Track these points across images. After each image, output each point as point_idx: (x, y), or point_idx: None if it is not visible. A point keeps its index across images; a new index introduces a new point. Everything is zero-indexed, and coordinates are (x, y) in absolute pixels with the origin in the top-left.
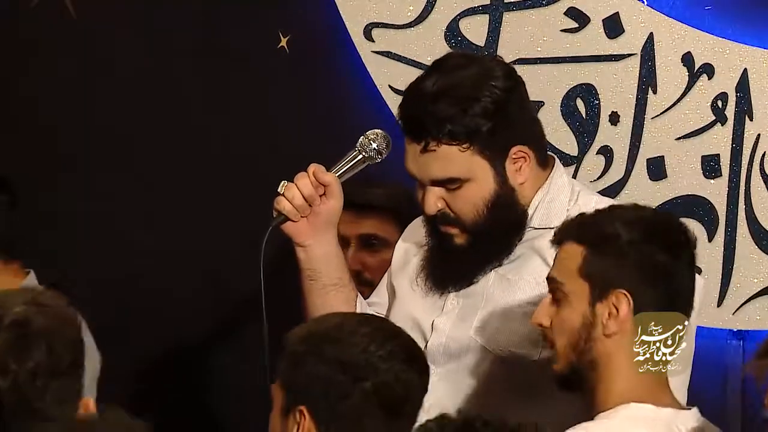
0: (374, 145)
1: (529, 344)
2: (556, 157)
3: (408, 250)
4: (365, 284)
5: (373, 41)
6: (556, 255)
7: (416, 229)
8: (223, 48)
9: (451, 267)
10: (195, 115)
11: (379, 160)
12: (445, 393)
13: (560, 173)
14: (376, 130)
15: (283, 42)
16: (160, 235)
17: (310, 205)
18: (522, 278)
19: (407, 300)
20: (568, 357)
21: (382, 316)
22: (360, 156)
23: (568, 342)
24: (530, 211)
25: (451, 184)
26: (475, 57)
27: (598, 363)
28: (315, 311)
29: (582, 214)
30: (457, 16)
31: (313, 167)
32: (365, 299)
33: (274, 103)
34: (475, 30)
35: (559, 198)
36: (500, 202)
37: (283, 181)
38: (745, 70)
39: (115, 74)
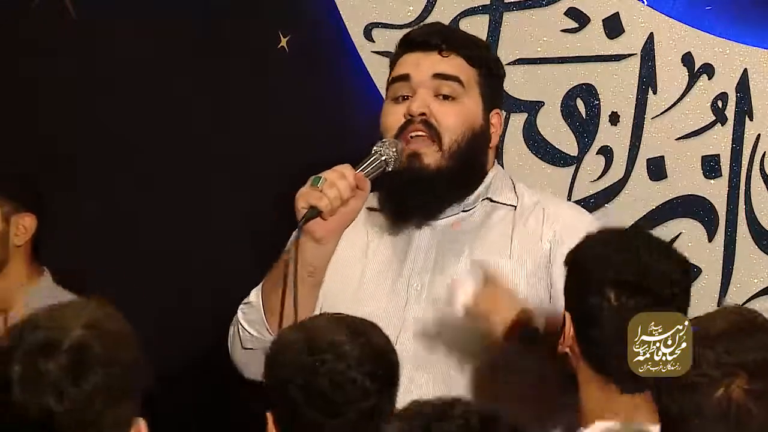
0: (392, 150)
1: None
2: None
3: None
4: None
5: (373, 41)
6: None
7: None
8: (223, 48)
9: (418, 195)
10: (195, 115)
11: (389, 170)
12: (426, 384)
13: (499, 167)
14: (390, 138)
15: (283, 42)
16: (160, 234)
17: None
18: (490, 258)
19: (358, 296)
20: None
21: None
22: (380, 160)
23: None
24: (486, 181)
25: (449, 86)
26: None
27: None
28: (305, 306)
29: None
30: (457, 16)
31: (352, 171)
32: None
33: (274, 103)
34: (475, 30)
35: (506, 181)
36: (478, 139)
37: (321, 178)
38: (745, 70)
39: (115, 74)
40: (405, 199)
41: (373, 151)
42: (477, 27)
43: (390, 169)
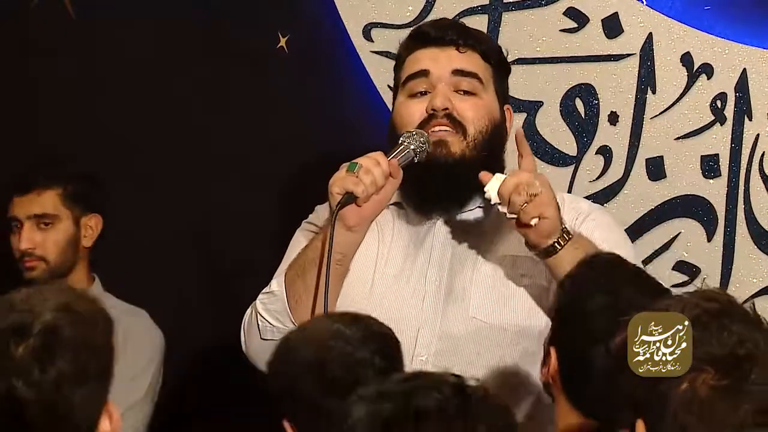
0: (420, 141)
1: (533, 315)
2: None
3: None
4: None
5: (373, 41)
6: None
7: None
8: (223, 48)
9: (444, 183)
10: (195, 115)
11: (417, 160)
12: None
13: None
14: (416, 129)
15: (283, 42)
16: (159, 234)
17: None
18: (510, 253)
19: (373, 295)
20: None
21: None
22: (409, 149)
23: None
24: None
25: (469, 82)
26: None
27: None
28: (332, 294)
29: None
30: (456, 16)
31: (385, 158)
32: None
33: (273, 103)
34: None
35: None
36: (498, 131)
37: (357, 164)
38: (745, 70)
39: (115, 74)
40: (430, 187)
41: (400, 141)
42: (476, 27)
43: (417, 160)
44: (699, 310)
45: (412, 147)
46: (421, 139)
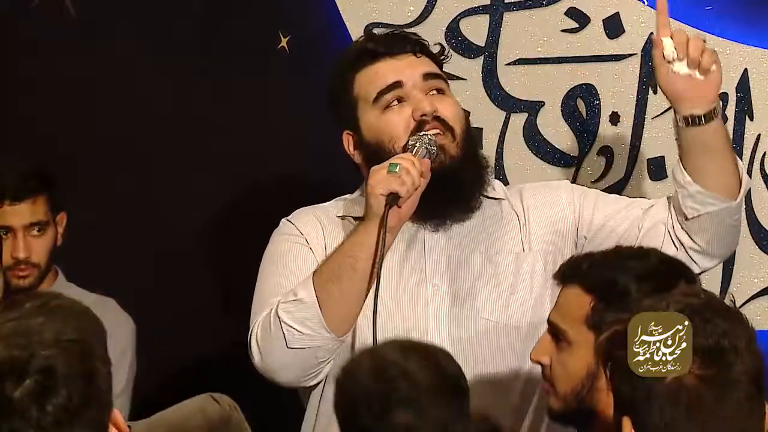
0: (430, 142)
1: (540, 309)
2: None
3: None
4: None
5: None
6: (559, 295)
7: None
8: (223, 48)
9: (453, 190)
10: (195, 115)
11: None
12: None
13: None
14: (418, 134)
15: (283, 42)
16: (159, 234)
17: None
18: (504, 251)
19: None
20: (568, 401)
21: None
22: (424, 149)
23: (570, 388)
24: None
25: (438, 83)
26: None
27: (598, 412)
28: (362, 300)
29: (590, 256)
30: (457, 16)
31: (417, 158)
32: None
33: (274, 103)
34: (476, 30)
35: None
36: (469, 125)
37: (398, 164)
38: (746, 70)
39: (115, 74)
40: (442, 194)
41: (411, 144)
42: (477, 27)
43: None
44: (681, 305)
45: (425, 146)
46: (431, 140)
